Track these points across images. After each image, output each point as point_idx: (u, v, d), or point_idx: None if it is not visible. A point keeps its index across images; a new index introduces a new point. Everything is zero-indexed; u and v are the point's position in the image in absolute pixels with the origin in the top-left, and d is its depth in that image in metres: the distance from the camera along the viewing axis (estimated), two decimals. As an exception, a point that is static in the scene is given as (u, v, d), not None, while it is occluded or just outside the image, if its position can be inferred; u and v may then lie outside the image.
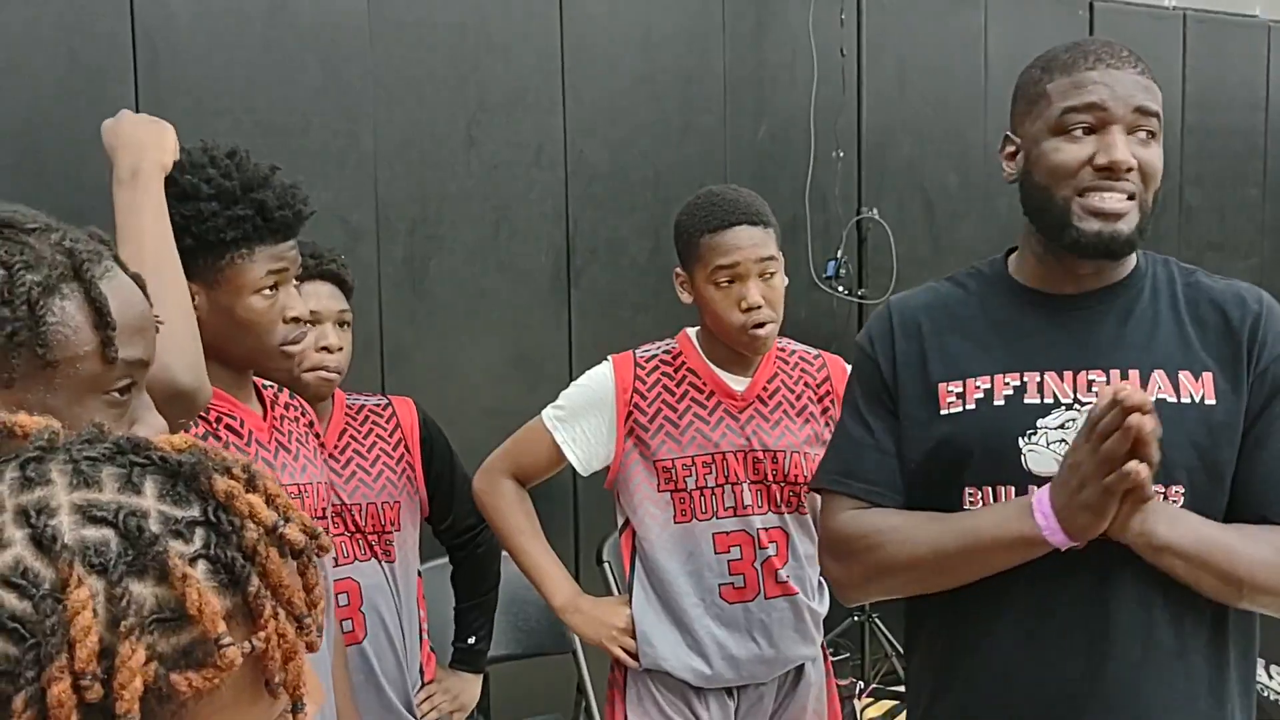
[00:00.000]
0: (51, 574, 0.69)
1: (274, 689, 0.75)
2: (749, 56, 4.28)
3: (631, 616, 2.42)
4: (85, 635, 0.68)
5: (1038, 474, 1.64)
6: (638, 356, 2.44)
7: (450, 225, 3.71)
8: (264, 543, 0.75)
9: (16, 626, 0.68)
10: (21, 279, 1.08)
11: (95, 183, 2.89)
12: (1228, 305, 1.69)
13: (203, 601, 0.71)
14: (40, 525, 0.70)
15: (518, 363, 3.80)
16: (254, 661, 0.74)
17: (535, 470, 2.49)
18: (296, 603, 0.76)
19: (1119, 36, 5.33)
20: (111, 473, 0.74)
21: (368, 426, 2.49)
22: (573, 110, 3.90)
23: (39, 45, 3.07)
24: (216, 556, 0.73)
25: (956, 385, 1.72)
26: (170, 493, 0.74)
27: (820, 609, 2.50)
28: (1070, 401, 1.67)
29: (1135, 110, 1.64)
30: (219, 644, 0.71)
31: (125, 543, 0.71)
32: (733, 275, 2.32)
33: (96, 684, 0.68)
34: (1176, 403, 1.64)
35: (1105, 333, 1.70)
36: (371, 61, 3.54)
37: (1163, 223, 5.48)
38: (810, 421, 2.44)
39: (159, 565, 0.71)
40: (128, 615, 0.69)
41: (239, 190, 1.81)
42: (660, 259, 3.82)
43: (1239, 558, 1.59)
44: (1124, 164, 1.62)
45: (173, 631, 0.71)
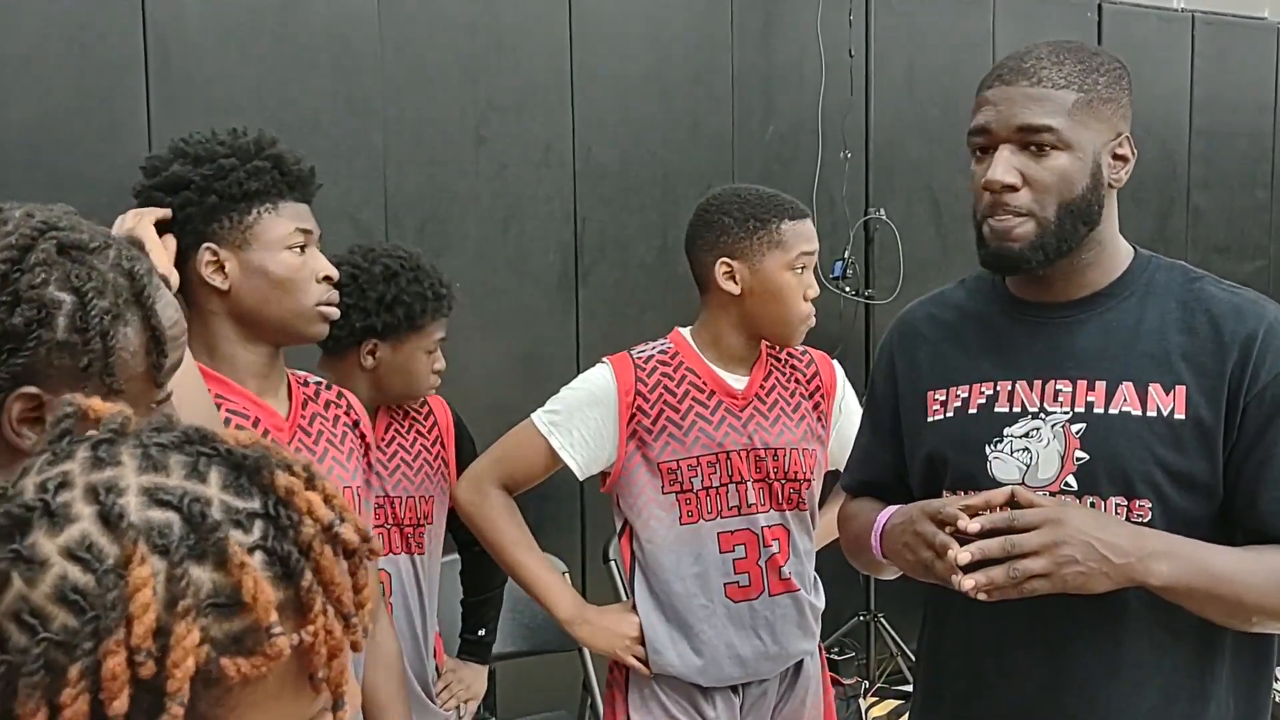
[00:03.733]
0: (116, 550, 0.72)
1: (316, 684, 0.77)
2: (757, 57, 4.29)
3: (640, 624, 2.41)
4: (144, 612, 0.70)
5: (1003, 481, 1.66)
6: (635, 358, 2.42)
7: (459, 223, 3.72)
8: (319, 540, 0.77)
9: (78, 599, 0.71)
10: (94, 306, 1.11)
11: (106, 180, 2.91)
12: (1224, 317, 1.63)
13: (258, 589, 0.73)
14: (109, 503, 0.73)
15: (525, 361, 3.81)
16: (300, 655, 0.76)
17: (527, 477, 2.45)
18: (345, 601, 0.78)
19: (1127, 38, 5.34)
20: (179, 460, 0.77)
21: (409, 423, 2.57)
22: (581, 110, 3.91)
23: (51, 43, 3.08)
24: (273, 549, 0.75)
25: (941, 394, 1.76)
26: (233, 484, 0.77)
27: (819, 603, 2.51)
28: (1036, 410, 1.67)
29: (1018, 129, 1.61)
30: (270, 633, 0.73)
31: (188, 527, 0.73)
32: (807, 264, 2.38)
33: (150, 661, 0.70)
34: (1141, 416, 1.62)
35: (1082, 342, 1.68)
36: (381, 60, 3.55)
37: (1171, 225, 5.48)
38: (805, 417, 2.45)
39: (219, 551, 0.73)
40: (185, 596, 0.72)
41: (253, 147, 1.85)
42: (668, 258, 3.83)
43: (1244, 586, 1.55)
44: (994, 184, 1.62)
45: (226, 617, 0.73)
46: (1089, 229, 1.65)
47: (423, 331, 2.48)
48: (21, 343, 1.09)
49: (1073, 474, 1.64)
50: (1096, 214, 1.65)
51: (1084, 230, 1.65)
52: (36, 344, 1.09)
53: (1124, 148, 1.66)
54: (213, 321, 1.85)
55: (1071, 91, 1.61)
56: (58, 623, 0.71)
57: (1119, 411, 1.62)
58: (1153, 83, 5.35)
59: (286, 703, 0.77)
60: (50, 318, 1.10)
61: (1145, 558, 1.50)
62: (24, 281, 1.10)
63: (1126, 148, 1.66)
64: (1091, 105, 1.61)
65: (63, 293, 1.11)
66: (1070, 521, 1.48)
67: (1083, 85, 1.61)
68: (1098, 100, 1.62)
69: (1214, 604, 1.57)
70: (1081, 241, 1.66)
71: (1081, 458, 1.64)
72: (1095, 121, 1.62)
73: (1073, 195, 1.62)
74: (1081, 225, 1.64)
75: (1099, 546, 1.48)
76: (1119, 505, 1.61)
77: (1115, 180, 1.66)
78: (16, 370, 1.09)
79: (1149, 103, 5.39)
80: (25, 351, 1.09)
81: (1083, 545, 1.47)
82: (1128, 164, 1.67)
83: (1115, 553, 1.49)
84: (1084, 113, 1.61)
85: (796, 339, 2.42)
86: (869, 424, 1.95)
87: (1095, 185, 1.63)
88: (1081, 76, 1.62)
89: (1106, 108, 1.63)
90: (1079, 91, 1.61)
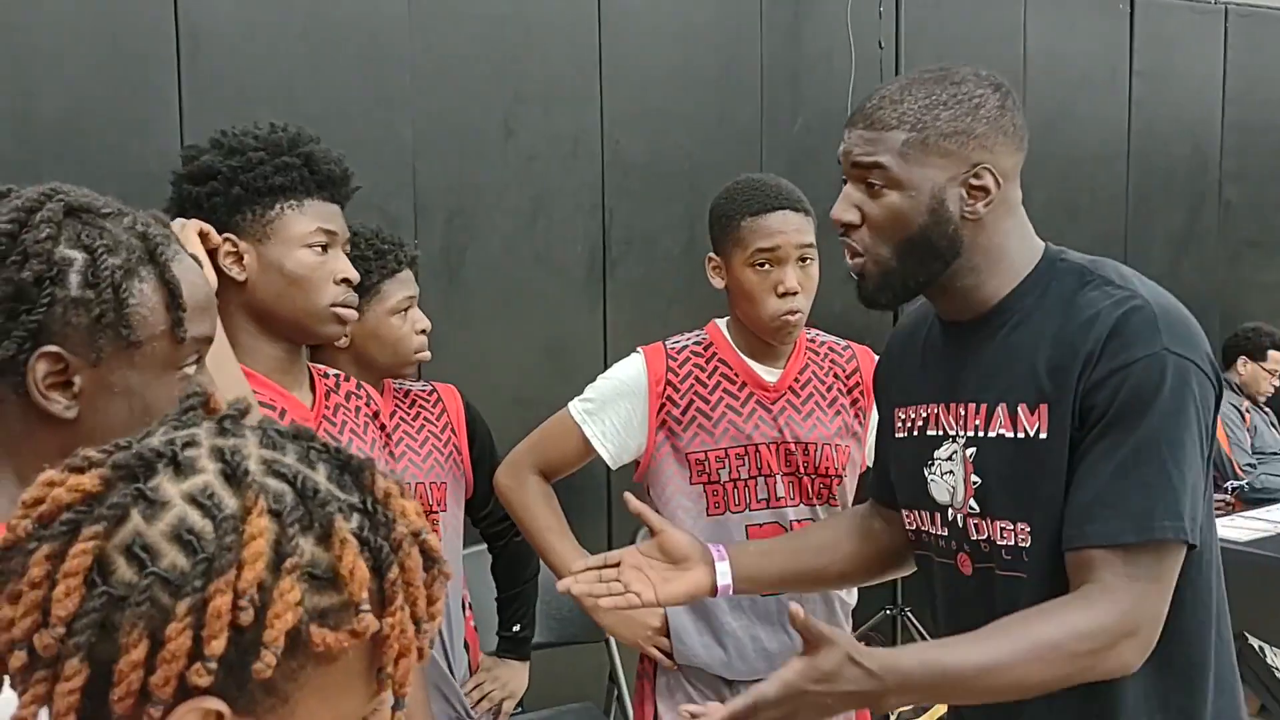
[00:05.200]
0: (235, 503, 0.76)
1: (383, 679, 0.80)
2: (786, 48, 4.28)
3: (665, 615, 2.41)
4: (255, 560, 0.74)
5: (939, 502, 1.72)
6: (668, 348, 2.43)
7: (486, 216, 3.73)
8: (408, 542, 0.81)
9: (193, 540, 0.74)
10: (104, 262, 1.12)
11: (138, 172, 2.93)
12: (1085, 324, 1.57)
13: (355, 566, 0.77)
14: (233, 462, 0.77)
15: (552, 353, 3.82)
16: (373, 647, 0.79)
17: (563, 464, 2.47)
18: (421, 605, 0.81)
19: (1160, 31, 5.31)
20: (293, 447, 0.81)
21: (415, 410, 2.58)
22: (609, 102, 3.91)
23: (83, 35, 3.10)
24: (367, 540, 0.79)
25: (902, 412, 1.81)
26: (338, 478, 0.81)
27: (849, 600, 2.50)
28: (954, 434, 1.69)
29: (852, 166, 1.65)
30: (358, 610, 0.77)
31: (299, 499, 0.77)
32: (772, 259, 2.32)
33: (251, 609, 0.73)
34: (1013, 438, 1.61)
35: (976, 363, 1.67)
36: (410, 52, 3.56)
37: (1202, 219, 5.44)
38: (841, 413, 2.43)
39: (325, 526, 0.77)
40: (292, 556, 0.75)
41: (286, 143, 1.86)
42: (695, 251, 3.82)
43: (994, 678, 1.51)
44: (834, 220, 1.68)
45: (320, 590, 0.77)
46: (943, 263, 1.63)
47: (377, 293, 2.43)
48: (35, 300, 1.10)
49: (973, 497, 1.66)
50: (948, 249, 1.63)
51: (935, 265, 1.63)
52: (50, 301, 1.10)
53: (982, 179, 1.61)
54: (232, 313, 1.86)
55: (902, 131, 1.60)
56: (167, 560, 0.74)
57: (996, 435, 1.63)
58: (1185, 76, 5.32)
59: (350, 695, 0.80)
60: (62, 275, 1.11)
61: (882, 699, 1.51)
62: (29, 238, 1.11)
63: (987, 179, 1.61)
64: (927, 143, 1.60)
65: (73, 250, 1.12)
66: (806, 695, 1.49)
67: (917, 124, 1.60)
68: (935, 136, 1.60)
69: (971, 698, 1.60)
70: (942, 275, 1.65)
71: (976, 481, 1.66)
72: (934, 158, 1.60)
73: (909, 233, 1.62)
74: (932, 261, 1.63)
75: (835, 703, 1.50)
76: (1005, 529, 1.62)
77: (970, 213, 1.62)
78: (33, 328, 1.10)
79: (1180, 96, 5.36)
80: (40, 309, 1.10)
81: (818, 707, 1.50)
82: (989, 194, 1.61)
83: (851, 702, 1.52)
84: (917, 150, 1.60)
85: (775, 336, 2.38)
86: (877, 430, 2.03)
87: (937, 221, 1.61)
88: (919, 114, 1.60)
89: (949, 142, 1.60)
90: (910, 130, 1.60)
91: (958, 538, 1.70)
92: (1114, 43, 5.12)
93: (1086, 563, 1.53)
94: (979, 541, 1.66)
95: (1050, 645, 1.50)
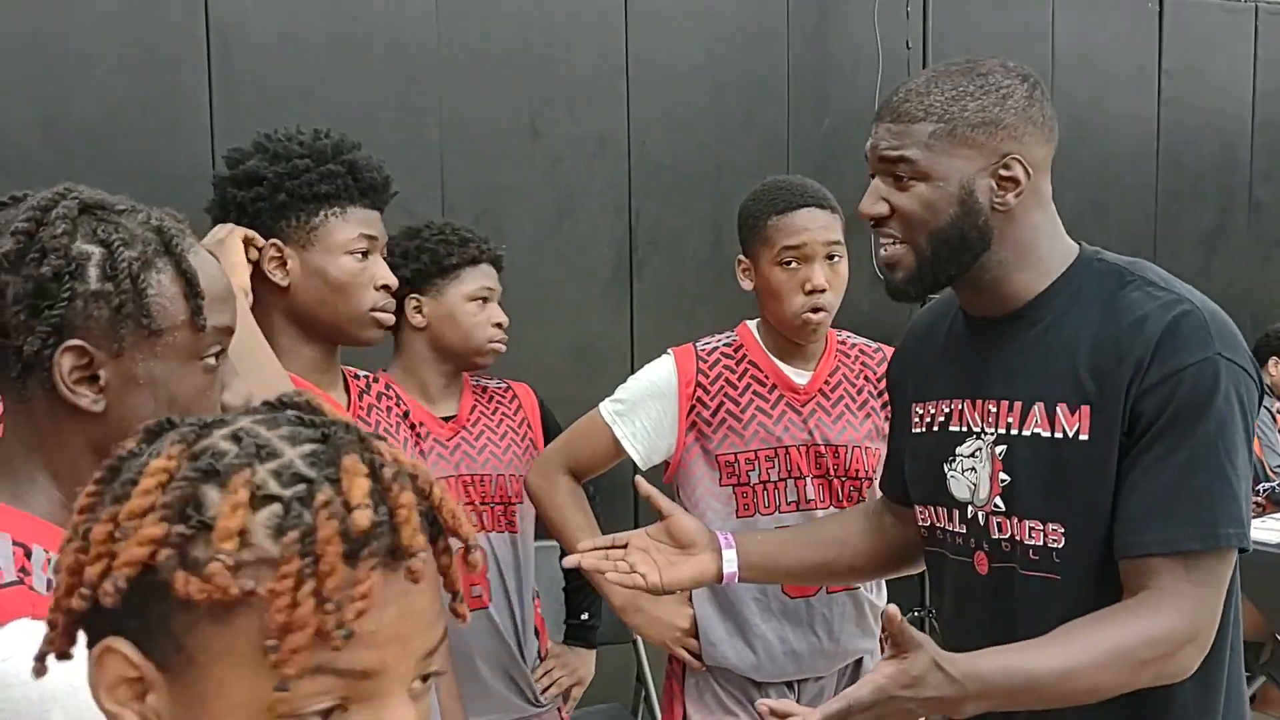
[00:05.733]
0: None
1: (267, 649, 0.73)
2: (813, 49, 4.27)
3: (694, 616, 2.41)
4: (142, 494, 0.77)
5: (957, 499, 1.71)
6: (699, 349, 2.44)
7: (513, 217, 3.73)
8: (334, 519, 0.76)
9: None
10: (121, 254, 1.14)
11: (169, 174, 2.95)
12: (1132, 327, 1.55)
13: (231, 518, 0.75)
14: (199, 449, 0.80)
15: (579, 354, 3.82)
16: (259, 614, 0.75)
17: (593, 464, 2.48)
18: (332, 587, 0.74)
19: (1189, 30, 5.28)
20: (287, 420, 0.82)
21: (494, 405, 2.64)
22: (636, 103, 3.91)
23: (114, 38, 3.12)
24: (291, 506, 0.76)
25: (920, 408, 1.80)
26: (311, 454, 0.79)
27: (879, 602, 2.49)
28: (979, 430, 1.68)
29: (879, 160, 1.65)
30: (217, 557, 0.74)
31: (238, 449, 0.78)
32: (799, 256, 2.32)
33: (122, 541, 0.75)
34: (1050, 438, 1.59)
35: (1007, 360, 1.66)
36: (437, 54, 3.57)
37: (1232, 219, 5.40)
38: (871, 415, 2.42)
39: (226, 475, 0.76)
40: (165, 496, 0.76)
41: (330, 151, 1.89)
42: (722, 252, 3.82)
43: (1072, 683, 1.51)
44: (861, 215, 1.67)
45: (196, 537, 0.75)
46: (973, 255, 1.63)
47: (456, 277, 2.52)
48: (56, 296, 1.11)
49: (999, 495, 1.65)
50: (978, 240, 1.62)
51: (966, 257, 1.63)
52: (71, 296, 1.11)
53: (1012, 169, 1.60)
54: (273, 316, 1.90)
55: (929, 123, 1.60)
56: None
57: (1031, 433, 1.61)
58: (1215, 75, 5.28)
59: (248, 669, 0.74)
60: (80, 269, 1.12)
61: (961, 705, 1.50)
62: (46, 235, 1.12)
63: (1017, 169, 1.60)
64: (955, 134, 1.60)
65: (90, 245, 1.14)
66: (894, 700, 1.48)
67: (944, 115, 1.60)
68: (964, 126, 1.59)
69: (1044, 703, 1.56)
70: (971, 267, 1.64)
71: (1004, 479, 1.64)
72: (962, 149, 1.60)
73: (939, 224, 1.61)
74: (962, 253, 1.63)
75: (917, 708, 1.49)
76: (1034, 529, 1.61)
77: (1000, 204, 1.61)
78: (56, 323, 1.11)
79: (1210, 95, 5.32)
80: (61, 303, 1.11)
81: (903, 712, 1.49)
82: (1018, 186, 1.61)
83: (931, 707, 1.50)
84: (945, 141, 1.60)
85: (800, 334, 2.37)
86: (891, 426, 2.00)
87: (967, 212, 1.61)
88: (946, 105, 1.60)
89: (978, 133, 1.60)
90: (938, 122, 1.60)
91: (976, 535, 1.69)
92: (1143, 42, 5.09)
93: (1146, 569, 1.52)
94: (1000, 540, 1.65)
95: (1120, 652, 1.50)
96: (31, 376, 1.13)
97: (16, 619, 1.01)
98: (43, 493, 1.15)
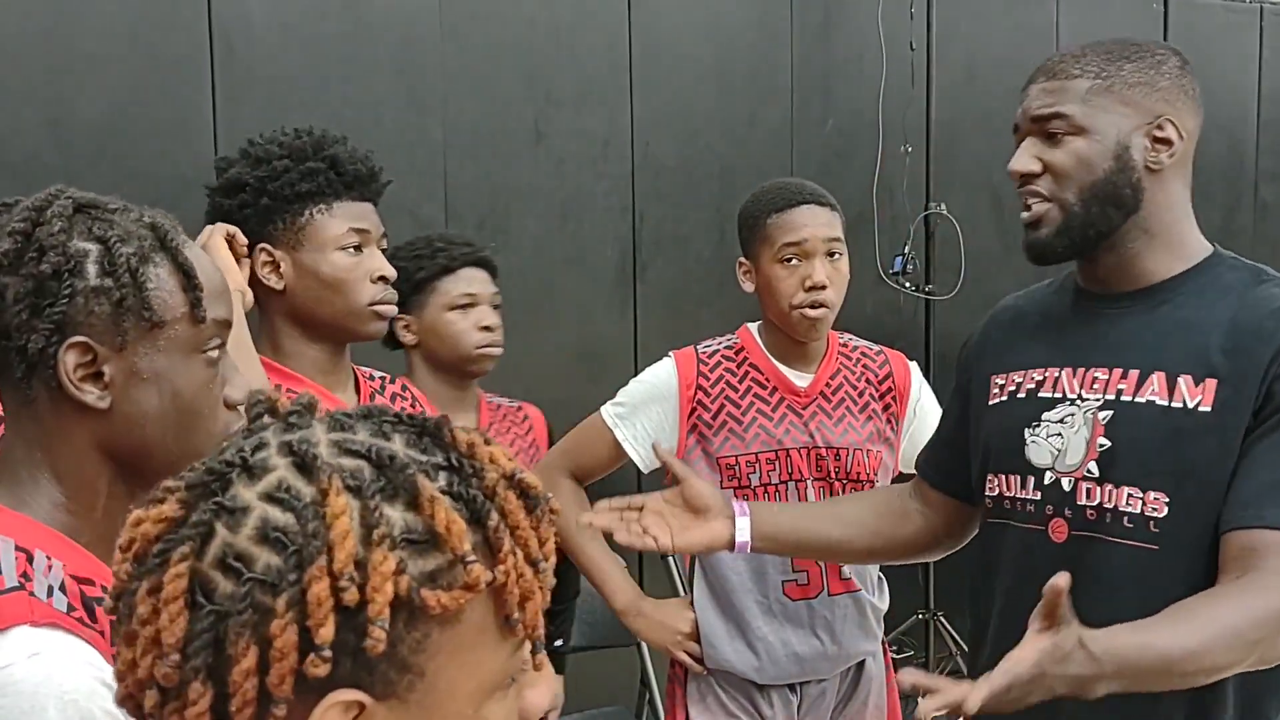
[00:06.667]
0: (312, 490, 0.75)
1: (512, 624, 0.79)
2: (817, 50, 4.27)
3: (695, 620, 2.41)
4: (344, 539, 0.73)
5: (1035, 464, 1.70)
6: (700, 352, 2.43)
7: (517, 218, 3.73)
8: (503, 485, 0.80)
9: (280, 536, 0.74)
10: (119, 250, 1.14)
11: (173, 175, 2.95)
12: (1269, 316, 1.60)
13: (449, 520, 0.76)
14: (302, 451, 0.77)
15: (583, 356, 3.81)
16: (494, 598, 0.78)
17: (595, 468, 2.48)
18: (532, 546, 0.80)
19: (1194, 29, 5.26)
20: (364, 425, 0.81)
21: (507, 424, 2.66)
22: (640, 104, 3.91)
23: (117, 41, 3.12)
24: (459, 494, 0.78)
25: (1002, 378, 1.80)
26: (416, 443, 0.80)
27: (881, 604, 2.49)
28: (1075, 397, 1.69)
29: (1033, 119, 1.68)
30: (465, 561, 0.76)
31: (377, 470, 0.77)
32: (799, 253, 2.32)
33: (353, 587, 0.73)
34: (1166, 406, 1.61)
35: (1124, 332, 1.68)
36: (441, 55, 3.57)
37: (1237, 219, 5.39)
38: (873, 418, 2.42)
39: (410, 489, 0.76)
40: (380, 526, 0.75)
41: (310, 148, 1.88)
42: (726, 253, 3.81)
43: (1196, 660, 1.48)
44: (1012, 172, 1.69)
45: (422, 554, 0.76)
46: (1124, 213, 1.66)
47: (433, 289, 2.53)
48: (56, 294, 1.12)
49: (1095, 460, 1.65)
50: (1130, 198, 1.66)
51: (1117, 215, 1.66)
52: (71, 293, 1.12)
53: (1166, 130, 1.65)
54: (274, 320, 1.90)
55: (1086, 79, 1.65)
56: (262, 563, 0.74)
57: (1145, 400, 1.62)
58: (1219, 75, 5.26)
59: (486, 653, 0.79)
60: (79, 266, 1.13)
61: (1094, 685, 1.46)
62: (43, 233, 1.13)
63: (1170, 130, 1.65)
64: (1112, 90, 1.64)
65: (86, 243, 1.14)
66: (1044, 676, 1.43)
67: (1101, 73, 1.65)
68: (1120, 85, 1.64)
69: (1166, 684, 1.53)
70: (1119, 228, 1.66)
71: (1104, 444, 1.64)
72: (1118, 105, 1.64)
73: (1094, 177, 1.65)
74: (1112, 209, 1.65)
75: (1057, 685, 1.44)
76: (1132, 496, 1.61)
77: (1154, 163, 1.65)
78: (58, 320, 1.12)
79: (1215, 95, 5.29)
80: (62, 301, 1.12)
81: (1045, 689, 1.44)
82: (1172, 146, 1.66)
83: (1066, 685, 1.44)
84: (1102, 97, 1.64)
85: (799, 329, 2.36)
86: (944, 410, 2.00)
87: (1122, 168, 1.65)
88: (1102, 65, 1.65)
89: (1134, 91, 1.65)
90: (1095, 79, 1.65)
91: (1055, 502, 1.68)
92: (1148, 42, 5.08)
93: (1256, 545, 1.52)
94: (1085, 507, 1.65)
95: (1234, 631, 1.49)
96: (35, 376, 1.13)
97: (17, 625, 1.01)
98: (45, 495, 1.15)
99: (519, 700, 0.83)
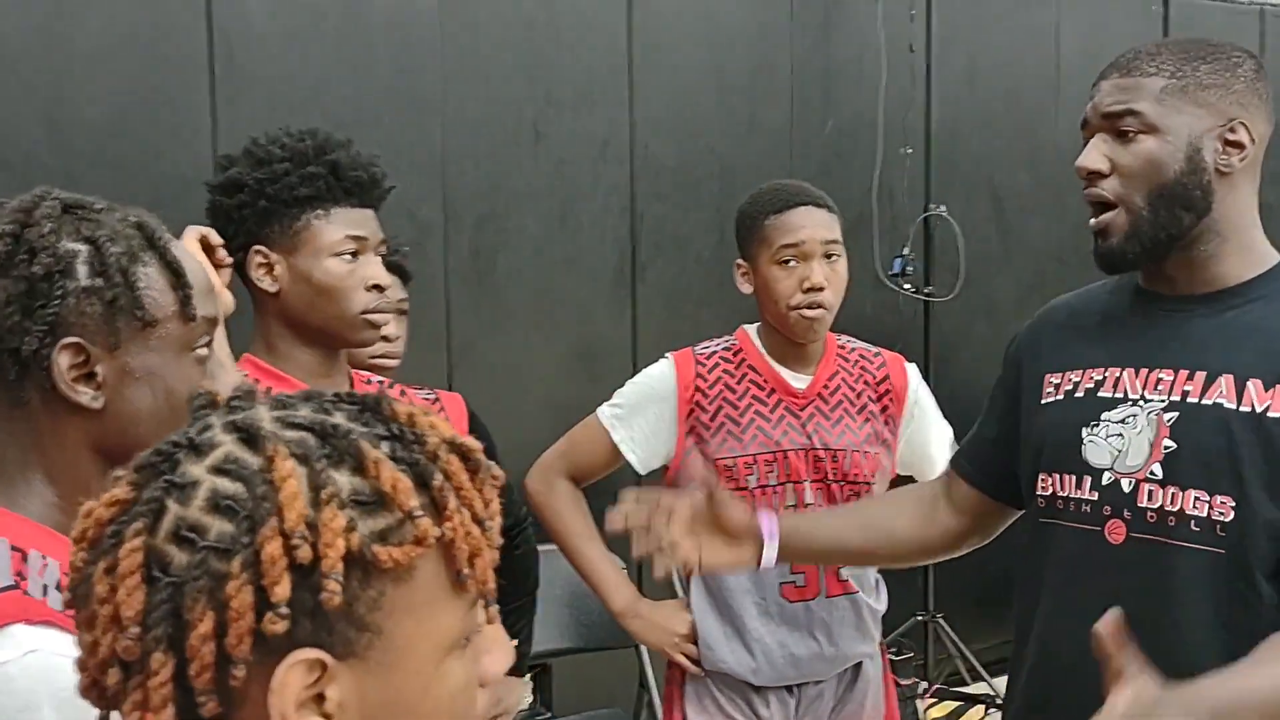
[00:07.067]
0: (258, 459, 0.77)
1: (463, 580, 0.81)
2: (817, 51, 4.27)
3: (693, 622, 2.41)
4: (293, 500, 0.75)
5: (1093, 465, 1.67)
6: (697, 354, 2.43)
7: (517, 219, 3.73)
8: (444, 449, 0.82)
9: (230, 504, 0.76)
10: (109, 250, 1.15)
11: (172, 176, 2.95)
12: None
13: (395, 479, 0.78)
14: (247, 427, 0.79)
15: (582, 357, 3.81)
16: (443, 554, 0.80)
17: (592, 469, 2.48)
18: (477, 506, 0.82)
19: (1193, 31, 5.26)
20: (307, 403, 0.83)
21: None
22: (640, 105, 3.91)
23: (118, 43, 3.12)
24: (402, 458, 0.80)
25: (1056, 377, 1.77)
26: (358, 417, 0.82)
27: (879, 606, 2.49)
28: (1138, 398, 1.66)
29: (1103, 116, 1.65)
30: (413, 516, 0.78)
31: (321, 440, 0.79)
32: (797, 254, 2.32)
33: (305, 545, 0.74)
34: (1234, 410, 1.58)
35: (1192, 334, 1.66)
36: (440, 56, 3.57)
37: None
38: (870, 420, 2.42)
39: (354, 455, 0.78)
40: (327, 486, 0.77)
41: (312, 152, 1.85)
42: (725, 254, 3.80)
43: None
44: (1080, 169, 1.66)
45: (370, 513, 0.78)
46: (1195, 216, 1.63)
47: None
48: (48, 295, 1.12)
49: (1159, 462, 1.62)
50: (1201, 200, 1.62)
51: (1187, 217, 1.62)
52: (63, 294, 1.12)
53: (1238, 134, 1.62)
54: (268, 321, 1.89)
55: (1161, 78, 1.62)
56: (215, 531, 0.75)
57: (1212, 402, 1.60)
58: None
59: (439, 609, 0.81)
60: (69, 267, 1.13)
61: None
62: (33, 235, 1.13)
63: (1243, 134, 1.62)
64: (1186, 90, 1.61)
65: (75, 243, 1.15)
66: None
67: (1176, 72, 1.62)
68: (1194, 86, 1.61)
69: None
70: (1190, 230, 1.63)
71: (1169, 446, 1.61)
72: (1191, 106, 1.61)
73: (1164, 179, 1.61)
74: (1182, 211, 1.62)
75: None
76: (1199, 499, 1.58)
77: (1225, 166, 1.62)
78: (51, 321, 1.12)
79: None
80: (54, 302, 1.12)
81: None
82: (1243, 150, 1.63)
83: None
84: (1176, 97, 1.61)
85: (797, 330, 2.36)
86: (986, 407, 1.95)
87: (1193, 169, 1.61)
88: (1177, 64, 1.62)
89: (1208, 93, 1.62)
90: (1170, 78, 1.62)
91: (1113, 503, 1.65)
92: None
93: None
94: (1146, 509, 1.62)
95: None
96: (28, 378, 1.14)
97: (12, 623, 1.02)
98: (38, 496, 1.15)
99: (476, 663, 0.85)
